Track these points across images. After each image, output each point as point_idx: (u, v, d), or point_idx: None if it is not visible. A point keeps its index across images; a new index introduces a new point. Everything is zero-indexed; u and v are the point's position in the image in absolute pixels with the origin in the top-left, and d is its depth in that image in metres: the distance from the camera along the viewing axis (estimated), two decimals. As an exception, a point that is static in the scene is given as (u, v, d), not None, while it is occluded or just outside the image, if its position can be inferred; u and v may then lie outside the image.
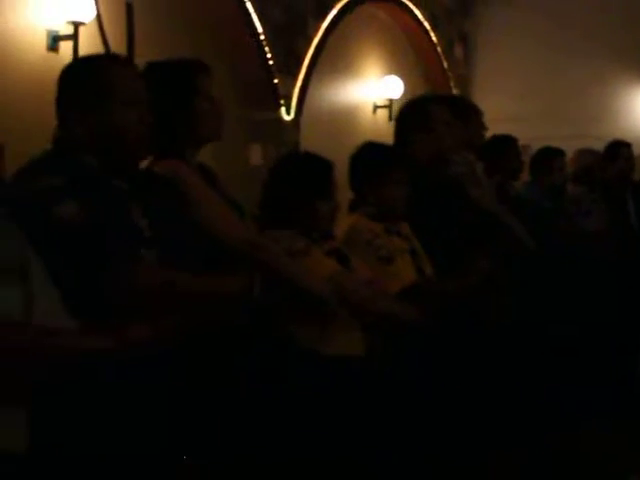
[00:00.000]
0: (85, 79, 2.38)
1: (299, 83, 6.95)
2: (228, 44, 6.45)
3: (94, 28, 5.38)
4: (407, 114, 3.86)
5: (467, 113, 4.35)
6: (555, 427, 3.93)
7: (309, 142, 6.28)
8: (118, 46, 5.19)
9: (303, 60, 7.00)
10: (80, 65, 2.50)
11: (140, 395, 2.21)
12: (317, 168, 3.13)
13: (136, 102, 2.36)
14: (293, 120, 6.90)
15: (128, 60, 2.65)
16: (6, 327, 1.88)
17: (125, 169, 2.37)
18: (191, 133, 2.71)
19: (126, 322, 1.99)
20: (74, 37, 5.32)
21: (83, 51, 5.15)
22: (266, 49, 6.61)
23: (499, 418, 3.54)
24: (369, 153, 3.51)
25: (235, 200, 2.84)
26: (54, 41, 5.34)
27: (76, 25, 5.31)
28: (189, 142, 2.72)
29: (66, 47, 5.33)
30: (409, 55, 8.53)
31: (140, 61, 2.80)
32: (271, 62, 6.66)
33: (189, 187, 2.57)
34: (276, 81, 6.70)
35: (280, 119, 6.80)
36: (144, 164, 2.62)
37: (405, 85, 7.94)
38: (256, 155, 6.70)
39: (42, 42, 5.29)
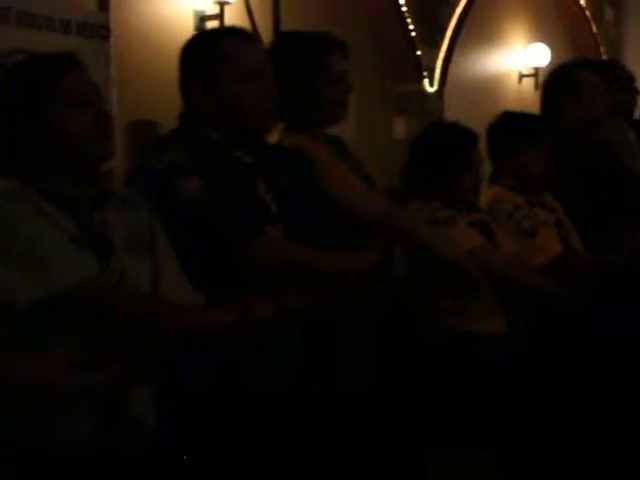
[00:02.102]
0: (199, 52, 2.35)
1: (442, 54, 6.86)
2: (370, 17, 6.44)
3: (240, 7, 5.48)
4: (555, 82, 3.74)
5: (618, 79, 4.18)
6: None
7: (453, 114, 6.20)
8: (265, 24, 5.26)
9: (446, 31, 6.91)
10: (196, 39, 2.46)
11: (266, 370, 2.20)
12: (461, 139, 3.07)
13: (255, 75, 2.30)
14: (436, 92, 6.82)
15: (248, 33, 2.58)
16: (145, 299, 1.93)
17: (250, 142, 2.34)
18: (316, 114, 2.65)
19: (251, 299, 1.96)
20: (220, 17, 5.43)
21: (229, 30, 5.25)
22: (408, 21, 6.55)
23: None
24: (507, 123, 3.42)
25: (365, 171, 2.77)
26: (201, 21, 5.46)
27: (222, 4, 5.41)
28: (315, 121, 2.68)
29: (212, 26, 5.44)
30: (556, 21, 8.27)
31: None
32: (413, 34, 6.60)
33: (320, 160, 2.52)
34: (419, 53, 6.64)
35: (423, 91, 6.74)
36: (274, 137, 2.61)
37: (552, 52, 7.71)
38: (399, 128, 6.67)
39: (189, 22, 5.42)
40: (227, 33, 2.47)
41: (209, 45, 2.36)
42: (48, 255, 1.81)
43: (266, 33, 4.92)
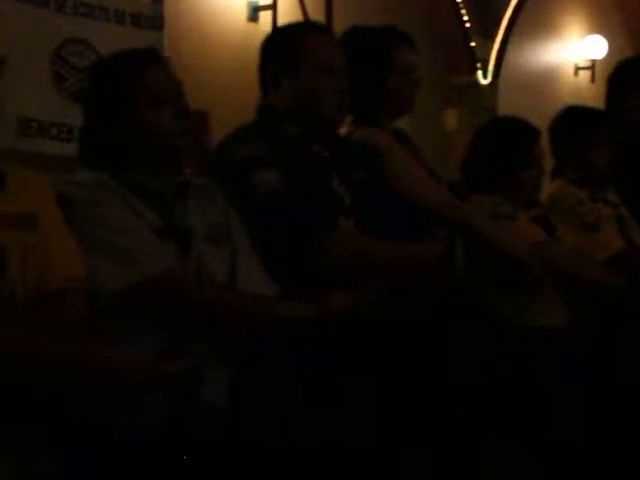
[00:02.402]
0: (280, 46, 2.40)
1: (496, 46, 6.80)
2: (424, 8, 6.39)
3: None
4: (619, 75, 3.68)
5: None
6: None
7: (506, 106, 6.14)
8: (317, 14, 5.25)
9: (501, 22, 6.84)
10: (277, 33, 2.53)
11: (336, 362, 2.22)
12: (523, 134, 3.04)
13: (331, 69, 2.35)
14: (490, 84, 6.76)
15: (325, 27, 2.69)
16: (226, 291, 1.98)
17: (325, 136, 2.38)
18: (385, 107, 2.70)
19: (326, 291, 2.00)
20: (273, 7, 5.44)
21: (282, 21, 5.25)
22: (462, 12, 6.50)
23: None
24: (571, 117, 3.37)
25: (430, 164, 2.81)
26: (254, 11, 5.48)
27: (281, -5, 5.43)
28: (383, 114, 2.71)
29: (265, 17, 5.45)
30: (613, 12, 8.13)
31: (339, 28, 2.82)
32: (468, 25, 6.54)
33: (389, 154, 2.55)
34: (473, 44, 6.58)
35: (477, 83, 6.68)
36: (343, 131, 2.64)
37: (609, 44, 7.59)
38: (451, 120, 6.62)
39: (242, 13, 5.44)
40: (308, 28, 2.53)
41: (291, 39, 2.41)
42: (131, 246, 1.87)
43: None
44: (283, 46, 2.40)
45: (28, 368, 1.63)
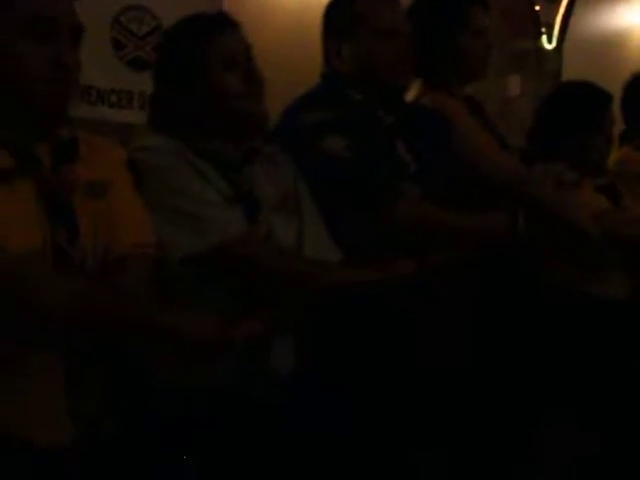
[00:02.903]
0: (340, 12, 2.40)
1: (562, 9, 6.63)
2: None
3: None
4: None
5: None
6: None
7: (572, 72, 5.99)
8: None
9: (567, -16, 6.67)
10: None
11: (402, 330, 2.20)
12: (594, 99, 2.96)
13: (393, 33, 2.33)
14: (555, 49, 6.60)
15: None
16: (294, 257, 2.00)
17: (389, 101, 2.36)
18: (455, 69, 2.65)
19: (391, 258, 2.01)
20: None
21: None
22: (527, -25, 6.35)
23: None
24: None
25: (500, 132, 2.77)
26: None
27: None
28: (454, 77, 2.66)
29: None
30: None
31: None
32: (532, -12, 6.39)
33: (456, 121, 2.52)
34: (537, 8, 6.44)
35: (541, 48, 6.53)
36: (411, 96, 2.61)
37: (681, 7, 7.36)
38: (514, 86, 6.49)
39: None
40: None
41: (350, 4, 2.39)
42: (200, 212, 1.89)
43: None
44: (342, 11, 2.40)
45: (93, 326, 1.63)
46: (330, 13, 2.44)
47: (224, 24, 2.03)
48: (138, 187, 1.83)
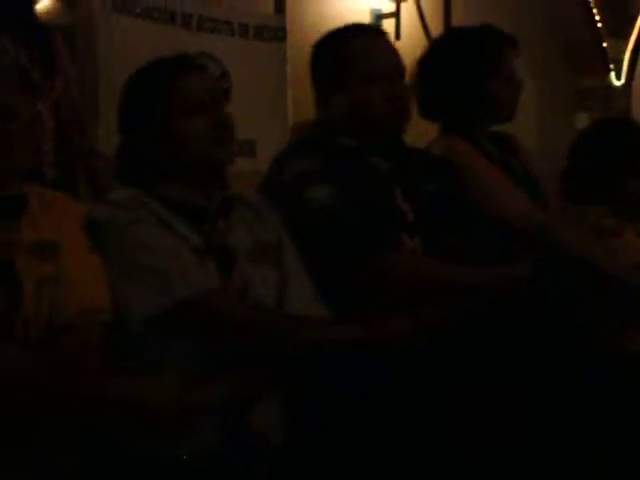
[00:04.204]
0: (325, 56, 2.24)
1: (631, 45, 6.54)
2: (553, 8, 6.22)
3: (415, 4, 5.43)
4: None
5: None
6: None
7: (641, 108, 5.90)
8: (436, 20, 5.19)
9: (636, 20, 6.57)
10: (321, 43, 2.31)
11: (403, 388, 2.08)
12: (630, 139, 2.81)
13: (384, 76, 2.17)
14: (623, 85, 6.51)
15: (374, 29, 2.47)
16: (270, 312, 1.87)
17: (386, 147, 2.20)
18: (482, 114, 2.47)
19: (385, 313, 1.87)
20: (396, 14, 5.40)
21: (405, 28, 5.21)
22: (594, 11, 6.28)
23: None
24: None
25: (533, 174, 2.56)
26: (377, 19, 5.45)
27: (398, 2, 5.38)
28: (479, 121, 2.53)
29: (389, 25, 5.41)
30: None
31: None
32: (599, 24, 6.32)
33: (467, 163, 2.35)
34: (605, 44, 6.36)
35: (609, 85, 6.45)
36: (432, 142, 2.50)
37: None
38: (583, 123, 6.39)
39: (366, 21, 5.41)
40: (354, 32, 2.30)
41: (335, 48, 2.24)
42: (166, 266, 1.76)
43: (437, 30, 4.85)
44: (329, 55, 2.24)
45: (41, 403, 1.55)
46: (316, 57, 2.26)
47: (186, 67, 1.91)
48: (97, 245, 1.72)
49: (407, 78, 2.31)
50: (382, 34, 2.32)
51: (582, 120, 6.42)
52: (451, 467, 2.19)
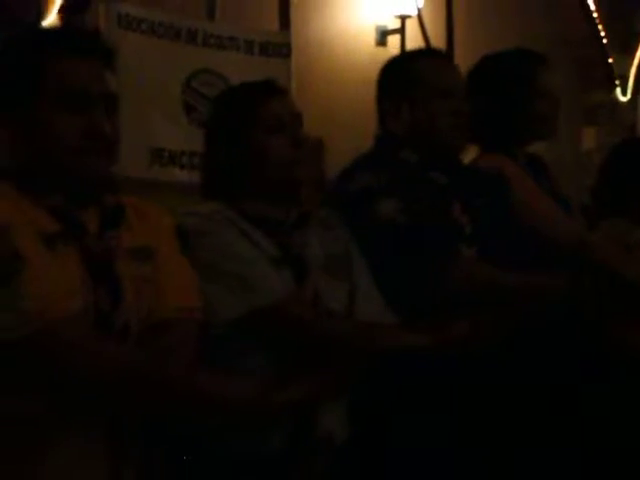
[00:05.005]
0: (397, 73, 2.41)
1: (636, 61, 6.54)
2: (558, 24, 6.22)
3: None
4: None
5: None
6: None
7: (647, 124, 5.89)
8: (438, 38, 5.20)
9: (641, 36, 6.58)
10: (393, 61, 2.52)
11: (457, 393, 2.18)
12: None
13: (451, 94, 2.33)
14: (629, 101, 6.51)
15: (441, 52, 2.68)
16: (343, 321, 1.98)
17: (445, 163, 2.34)
18: (525, 133, 2.62)
19: (446, 320, 1.98)
20: (401, 31, 5.41)
21: (410, 44, 5.22)
22: (599, 27, 6.29)
23: None
24: None
25: (562, 193, 2.70)
26: (382, 36, 5.46)
27: (403, 19, 5.39)
28: (521, 140, 2.63)
29: (394, 41, 5.43)
30: None
31: (460, 50, 2.75)
32: (605, 40, 6.32)
33: (515, 184, 2.47)
34: (610, 60, 6.36)
35: (615, 101, 6.44)
36: (470, 158, 2.59)
37: None
38: (589, 139, 6.41)
39: (371, 38, 5.44)
40: (423, 54, 2.53)
41: (405, 65, 2.42)
42: (247, 274, 1.90)
43: (440, 46, 4.85)
44: (400, 73, 2.40)
45: (134, 394, 1.64)
46: (387, 73, 2.45)
47: (271, 91, 2.09)
48: (185, 251, 1.84)
49: None
50: (448, 58, 2.56)
51: (588, 136, 6.42)
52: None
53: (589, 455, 2.53)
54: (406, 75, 2.37)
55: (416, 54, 2.53)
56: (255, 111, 2.04)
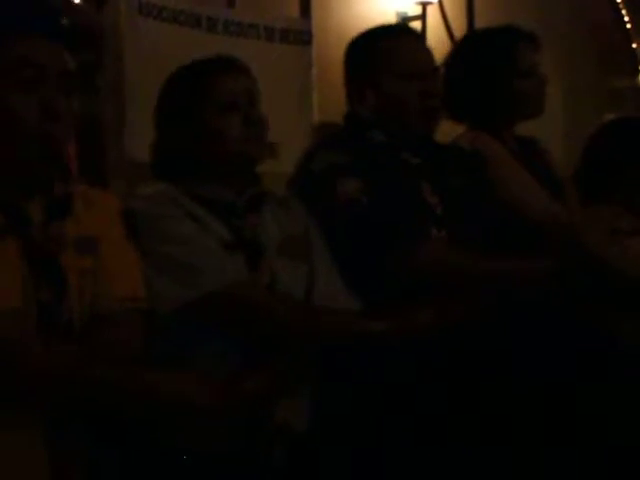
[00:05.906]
0: (359, 55, 2.33)
1: (660, 46, 6.47)
2: (581, 9, 6.17)
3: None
4: None
5: None
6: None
7: (670, 109, 5.84)
8: (459, 22, 5.17)
9: (666, 21, 6.51)
10: (354, 42, 2.41)
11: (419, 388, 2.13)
12: None
13: (417, 74, 2.25)
14: (653, 86, 6.45)
15: (409, 30, 2.58)
16: (297, 304, 1.91)
17: (416, 142, 2.27)
18: (507, 111, 2.57)
19: (411, 305, 1.92)
20: (422, 17, 5.38)
21: (430, 31, 5.20)
22: (623, 12, 6.23)
23: None
24: None
25: (559, 179, 2.63)
26: (403, 22, 5.43)
27: (424, 5, 5.36)
28: (505, 119, 2.58)
29: (415, 27, 5.39)
30: None
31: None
32: (629, 25, 6.26)
33: (495, 162, 2.42)
34: (634, 45, 6.30)
35: (638, 87, 6.38)
36: (457, 137, 2.54)
37: None
38: (612, 125, 6.36)
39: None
40: (388, 31, 2.42)
41: (369, 47, 2.33)
42: (196, 260, 1.82)
43: (461, 32, 4.83)
44: (361, 55, 2.33)
45: (79, 393, 1.59)
46: (350, 53, 2.36)
47: (227, 67, 1.98)
48: (133, 236, 1.78)
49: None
50: (415, 34, 2.47)
51: (611, 122, 6.37)
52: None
53: (586, 454, 2.49)
54: (369, 59, 2.29)
55: (379, 33, 2.39)
56: (206, 88, 1.94)
